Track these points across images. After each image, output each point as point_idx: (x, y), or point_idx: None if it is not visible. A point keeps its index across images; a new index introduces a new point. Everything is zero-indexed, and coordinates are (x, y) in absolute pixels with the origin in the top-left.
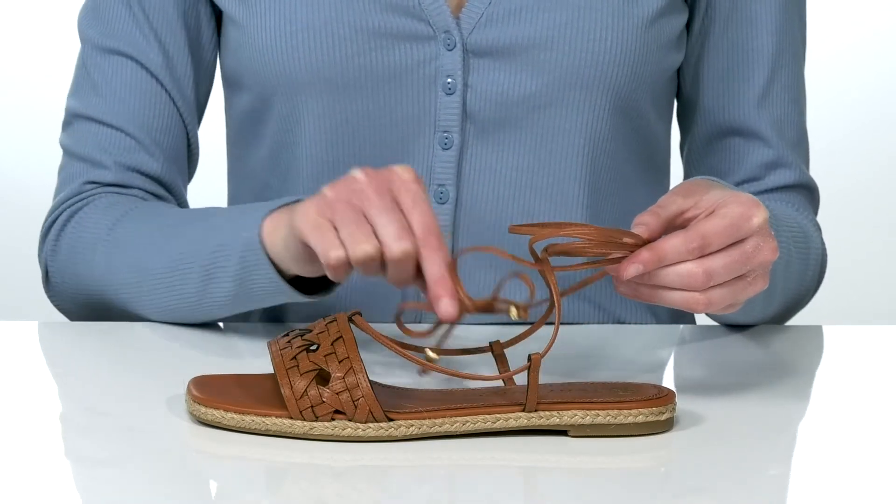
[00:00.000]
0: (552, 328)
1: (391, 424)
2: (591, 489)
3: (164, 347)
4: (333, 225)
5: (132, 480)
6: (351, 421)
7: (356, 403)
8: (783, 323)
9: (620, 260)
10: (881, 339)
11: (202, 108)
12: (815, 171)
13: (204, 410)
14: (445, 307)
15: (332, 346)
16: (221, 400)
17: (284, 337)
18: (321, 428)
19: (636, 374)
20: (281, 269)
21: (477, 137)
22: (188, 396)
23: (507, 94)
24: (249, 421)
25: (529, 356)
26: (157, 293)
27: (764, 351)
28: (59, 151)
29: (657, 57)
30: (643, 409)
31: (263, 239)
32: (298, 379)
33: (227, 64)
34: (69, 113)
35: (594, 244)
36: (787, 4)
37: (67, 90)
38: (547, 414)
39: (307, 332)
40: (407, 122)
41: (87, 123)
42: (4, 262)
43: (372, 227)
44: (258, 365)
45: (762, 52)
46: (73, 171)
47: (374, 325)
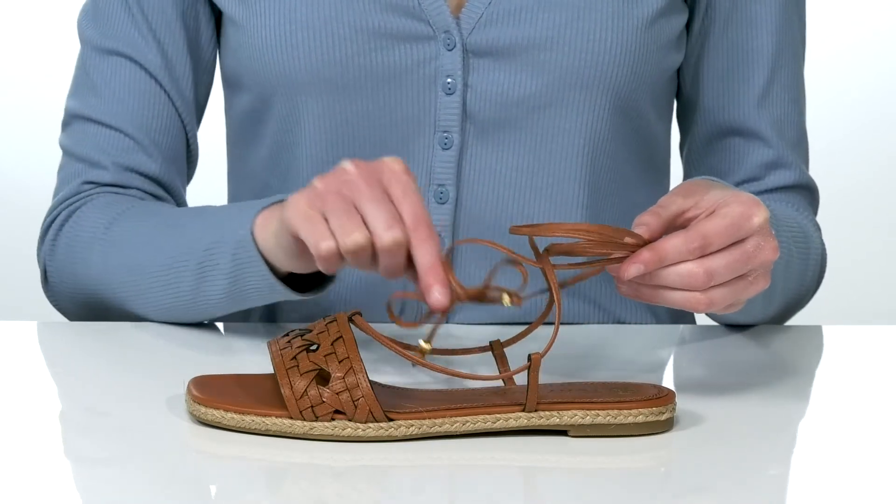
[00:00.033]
0: (552, 327)
1: (391, 424)
2: (591, 489)
3: (163, 347)
4: (324, 216)
5: (132, 480)
6: (351, 421)
7: (356, 403)
8: (783, 323)
9: (621, 260)
10: (881, 339)
11: (202, 108)
12: (815, 171)
13: (204, 410)
14: (436, 295)
15: (332, 346)
16: (221, 400)
17: (284, 337)
18: (321, 428)
19: (636, 374)
20: (274, 266)
21: (477, 137)
22: (188, 396)
23: (506, 94)
24: (249, 421)
25: (529, 356)
26: (152, 292)
27: (764, 351)
28: (59, 151)
29: (657, 57)
30: (643, 409)
31: (255, 235)
32: (298, 379)
33: (226, 64)
34: (68, 113)
35: (595, 244)
36: (786, 4)
37: (67, 90)
38: (547, 414)
39: (307, 332)
40: (407, 122)
41: (85, 124)
42: (4, 262)
43: (362, 217)
44: (258, 365)
45: (762, 52)
46: (71, 171)
47: (373, 325)
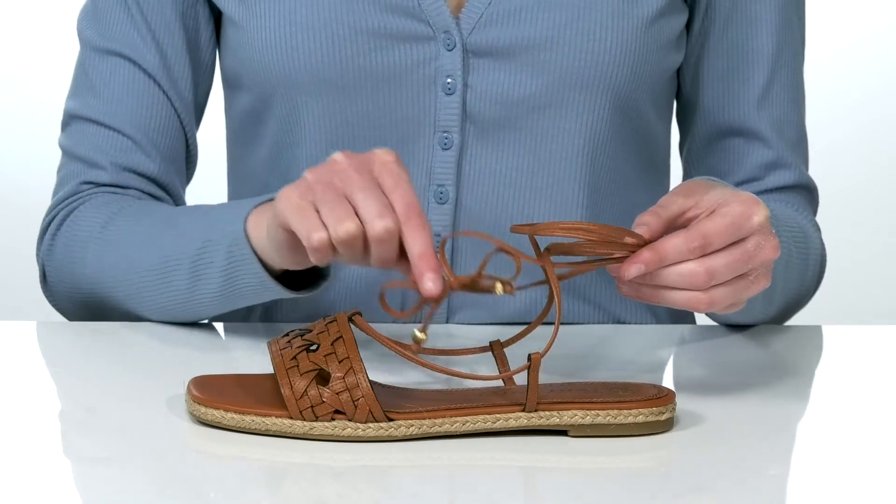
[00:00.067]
0: (552, 327)
1: (391, 424)
2: (591, 489)
3: (163, 347)
4: (315, 207)
5: (132, 480)
6: (351, 421)
7: (356, 403)
8: (783, 323)
9: (622, 260)
10: (881, 339)
11: (201, 108)
12: (815, 171)
13: (204, 410)
14: (428, 283)
15: (332, 346)
16: (221, 400)
17: (284, 337)
18: (321, 428)
19: (636, 374)
20: (268, 265)
21: (477, 138)
22: (188, 396)
23: (506, 94)
24: (249, 421)
25: (529, 356)
26: (148, 290)
27: (764, 351)
28: (58, 151)
29: (657, 57)
30: (643, 409)
31: (249, 233)
32: (298, 379)
33: (226, 64)
34: (67, 114)
35: (595, 244)
36: (786, 4)
37: (67, 91)
38: (547, 414)
39: (307, 332)
40: (407, 122)
41: (84, 124)
42: (4, 262)
43: (353, 206)
44: (258, 365)
45: (762, 52)
46: (70, 171)
47: (374, 325)
